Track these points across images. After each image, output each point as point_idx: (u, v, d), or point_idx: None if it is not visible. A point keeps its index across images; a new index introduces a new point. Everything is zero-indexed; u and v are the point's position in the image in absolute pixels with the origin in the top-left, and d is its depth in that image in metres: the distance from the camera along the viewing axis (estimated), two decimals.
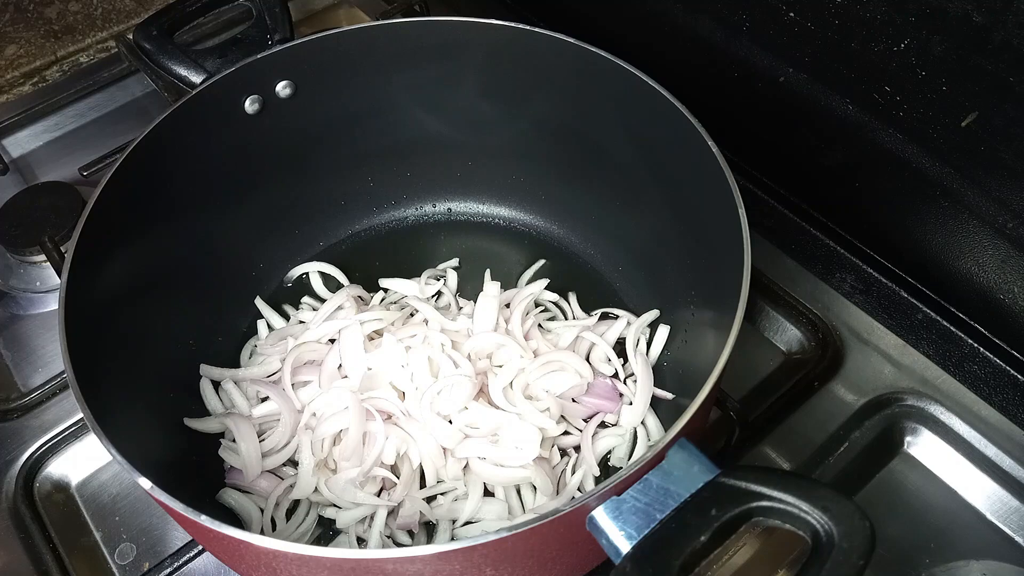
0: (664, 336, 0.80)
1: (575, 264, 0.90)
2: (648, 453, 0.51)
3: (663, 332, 0.80)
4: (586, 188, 0.87)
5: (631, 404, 0.76)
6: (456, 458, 0.71)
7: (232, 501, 0.72)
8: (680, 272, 0.78)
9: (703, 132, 0.67)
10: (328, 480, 0.71)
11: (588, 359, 0.79)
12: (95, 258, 0.66)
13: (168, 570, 0.69)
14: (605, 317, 0.83)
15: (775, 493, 0.48)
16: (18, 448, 0.80)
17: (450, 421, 0.73)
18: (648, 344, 0.80)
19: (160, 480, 0.53)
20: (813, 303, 0.86)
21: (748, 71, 0.84)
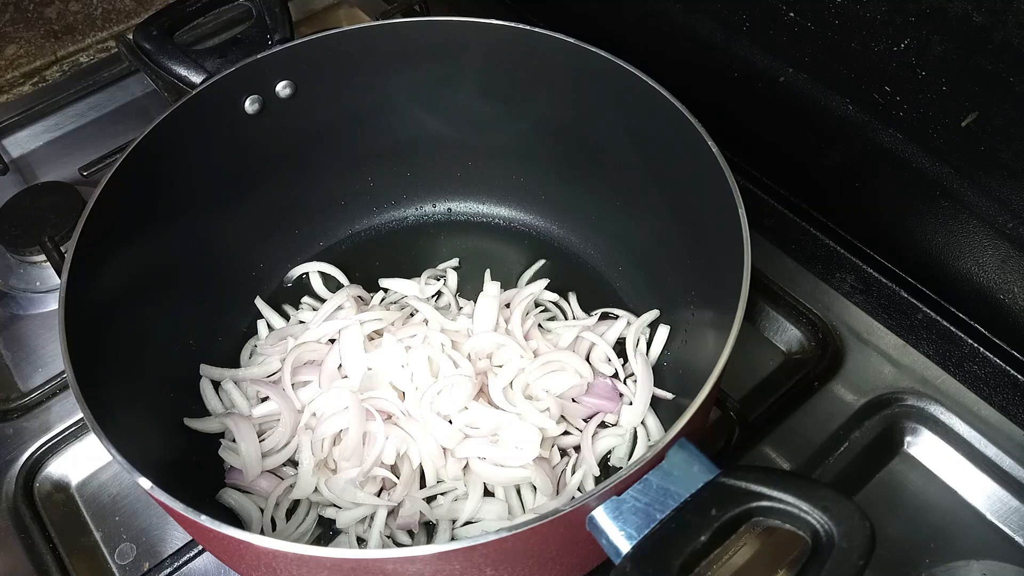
0: (664, 336, 0.80)
1: (575, 264, 0.90)
2: (648, 453, 0.51)
3: (663, 332, 0.80)
4: (586, 188, 0.87)
5: (631, 404, 0.76)
6: (456, 458, 0.71)
7: (232, 501, 0.72)
8: (680, 272, 0.78)
9: (703, 132, 0.67)
10: (328, 480, 0.71)
11: (588, 359, 0.79)
12: (95, 258, 0.66)
13: (168, 570, 0.69)
14: (605, 317, 0.83)
15: (775, 493, 0.48)
16: (18, 448, 0.80)
17: (450, 421, 0.73)
18: (648, 344, 0.80)
19: (160, 480, 0.53)
20: (813, 303, 0.86)
21: (748, 71, 0.84)
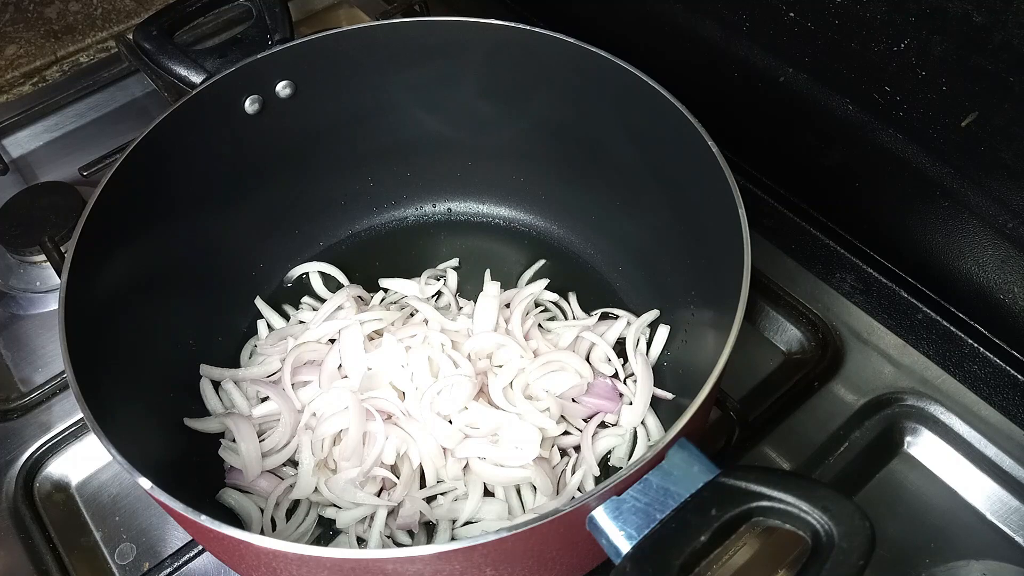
0: (664, 336, 0.80)
1: (575, 264, 0.90)
2: (648, 453, 0.51)
3: (663, 332, 0.80)
4: (586, 188, 0.87)
5: (631, 404, 0.76)
6: (456, 458, 0.71)
7: (232, 501, 0.72)
8: (680, 272, 0.78)
9: (703, 132, 0.67)
10: (328, 480, 0.71)
11: (588, 359, 0.79)
12: (95, 258, 0.66)
13: (168, 570, 0.69)
14: (605, 317, 0.83)
15: (775, 493, 0.48)
16: (18, 448, 0.80)
17: (450, 421, 0.73)
18: (648, 344, 0.80)
19: (160, 480, 0.53)
20: (813, 303, 0.86)
21: (748, 71, 0.84)
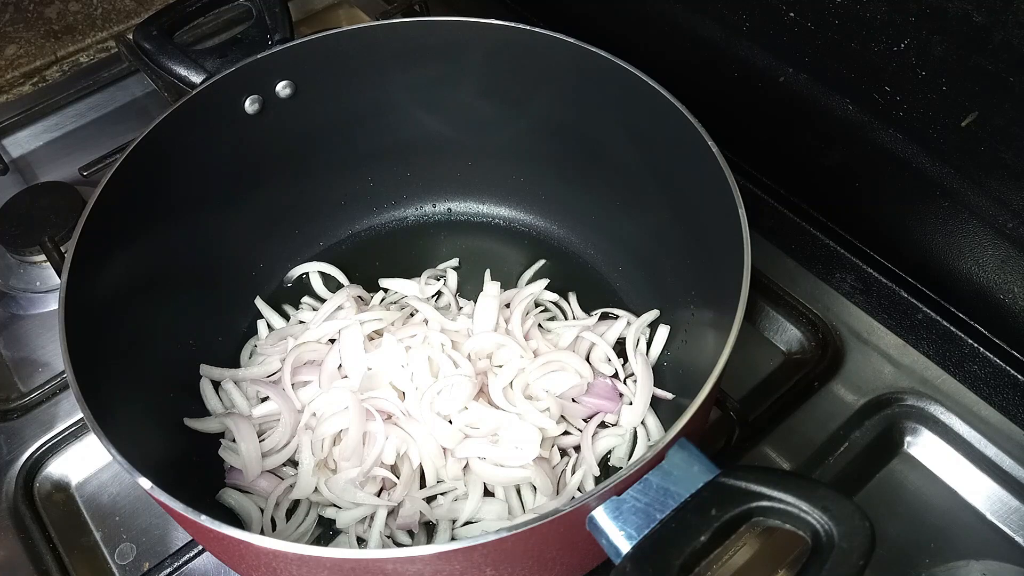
0: (664, 336, 0.80)
1: (575, 264, 0.90)
2: (648, 453, 0.51)
3: (663, 332, 0.80)
4: (586, 188, 0.87)
5: (631, 404, 0.76)
6: (456, 458, 0.71)
7: (232, 501, 0.72)
8: (680, 272, 0.78)
9: (703, 132, 0.67)
10: (328, 480, 0.71)
11: (588, 359, 0.79)
12: (95, 258, 0.66)
13: (168, 570, 0.69)
14: (605, 317, 0.83)
15: (775, 493, 0.48)
16: (18, 448, 0.80)
17: (450, 421, 0.73)
18: (648, 344, 0.80)
19: (160, 480, 0.53)
20: (813, 303, 0.86)
21: (748, 71, 0.84)
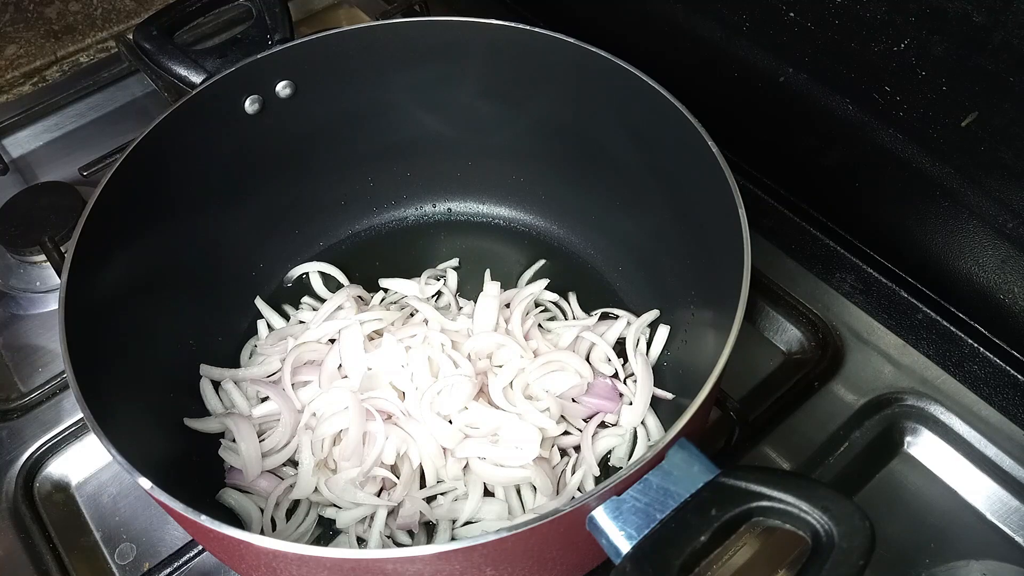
0: (664, 336, 0.80)
1: (575, 264, 0.90)
2: (648, 453, 0.51)
3: (663, 332, 0.80)
4: (586, 188, 0.87)
5: (631, 404, 0.76)
6: (456, 458, 0.71)
7: (232, 501, 0.72)
8: (680, 272, 0.78)
9: (703, 132, 0.67)
10: (328, 480, 0.71)
11: (588, 359, 0.79)
12: (95, 258, 0.66)
13: (168, 570, 0.69)
14: (605, 317, 0.83)
15: (775, 493, 0.48)
16: (18, 448, 0.80)
17: (450, 421, 0.73)
18: (648, 344, 0.80)
19: (160, 480, 0.53)
20: (813, 303, 0.86)
21: (748, 71, 0.84)
